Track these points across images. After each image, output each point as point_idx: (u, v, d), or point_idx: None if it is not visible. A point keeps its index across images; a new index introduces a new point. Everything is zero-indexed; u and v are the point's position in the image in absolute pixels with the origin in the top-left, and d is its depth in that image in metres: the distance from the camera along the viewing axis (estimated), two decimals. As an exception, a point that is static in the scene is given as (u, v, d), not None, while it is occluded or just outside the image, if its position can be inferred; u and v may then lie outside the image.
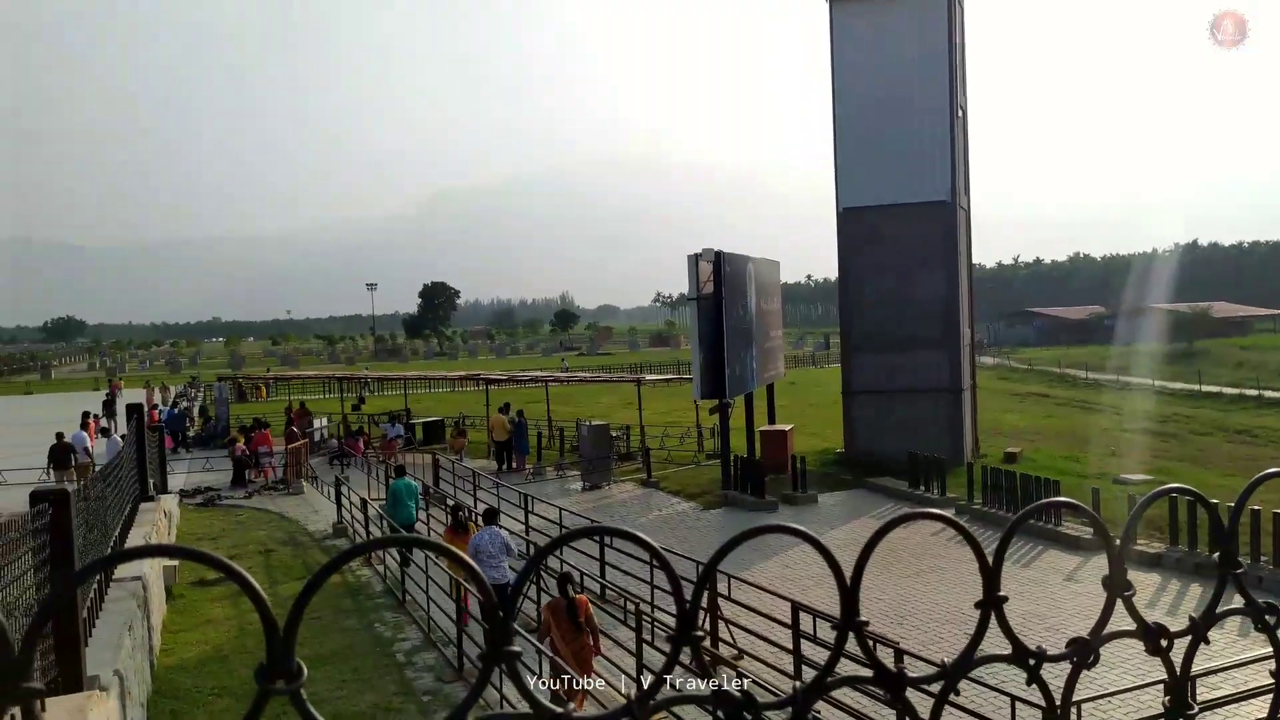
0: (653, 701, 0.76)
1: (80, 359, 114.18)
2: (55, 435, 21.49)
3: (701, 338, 20.69)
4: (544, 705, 0.75)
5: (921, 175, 24.26)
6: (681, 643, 0.79)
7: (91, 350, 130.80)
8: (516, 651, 0.74)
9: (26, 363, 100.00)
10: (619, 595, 12.34)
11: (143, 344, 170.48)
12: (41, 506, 5.56)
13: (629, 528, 0.88)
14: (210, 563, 0.72)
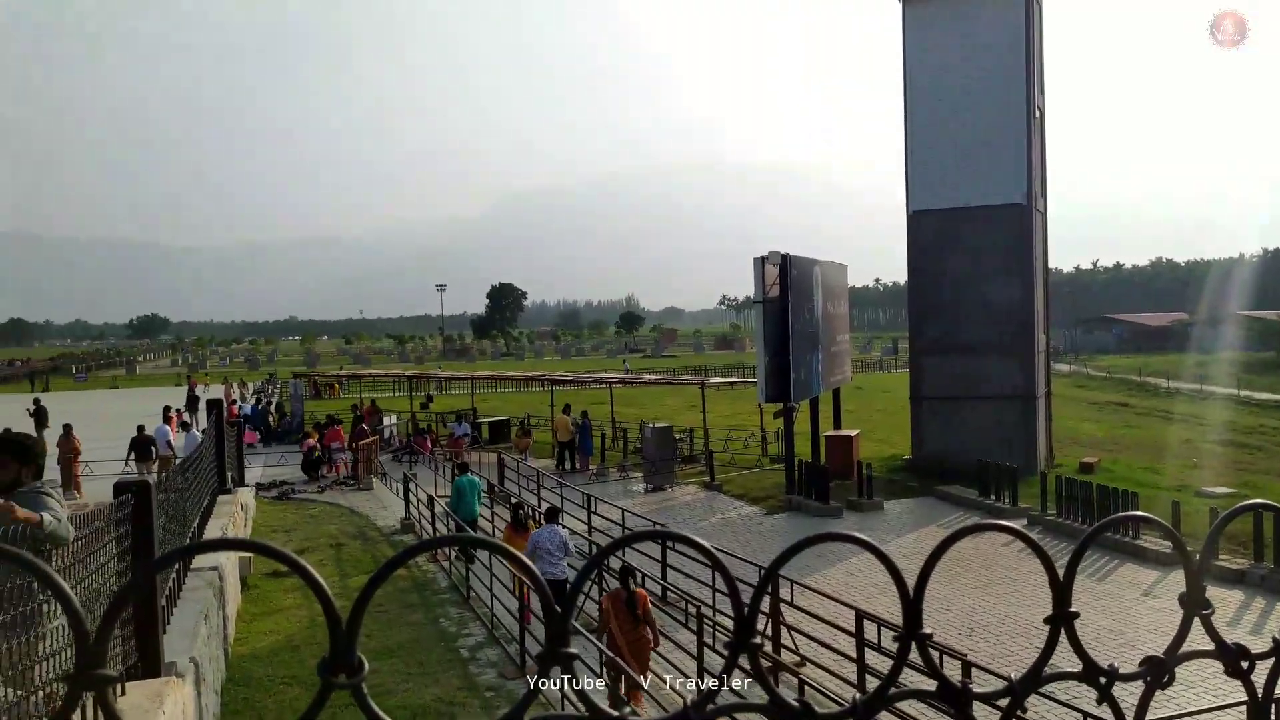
0: (710, 707, 0.76)
1: (164, 356, 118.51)
2: (136, 428, 22.38)
3: (766, 341, 20.55)
4: (599, 707, 0.75)
5: (996, 177, 23.73)
6: (739, 649, 0.78)
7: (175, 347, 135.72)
8: (573, 653, 0.74)
9: (113, 358, 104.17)
10: (680, 598, 12.32)
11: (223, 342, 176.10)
12: (125, 497, 5.77)
13: (690, 531, 0.88)
14: (278, 557, 0.74)
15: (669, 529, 0.84)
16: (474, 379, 40.93)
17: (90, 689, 0.65)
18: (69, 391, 58.59)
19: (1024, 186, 23.57)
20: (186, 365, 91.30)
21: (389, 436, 30.93)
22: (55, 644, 4.15)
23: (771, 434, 26.50)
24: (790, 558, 0.81)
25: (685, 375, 48.46)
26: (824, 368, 23.43)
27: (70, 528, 4.66)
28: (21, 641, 3.74)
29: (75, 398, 50.64)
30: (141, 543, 5.83)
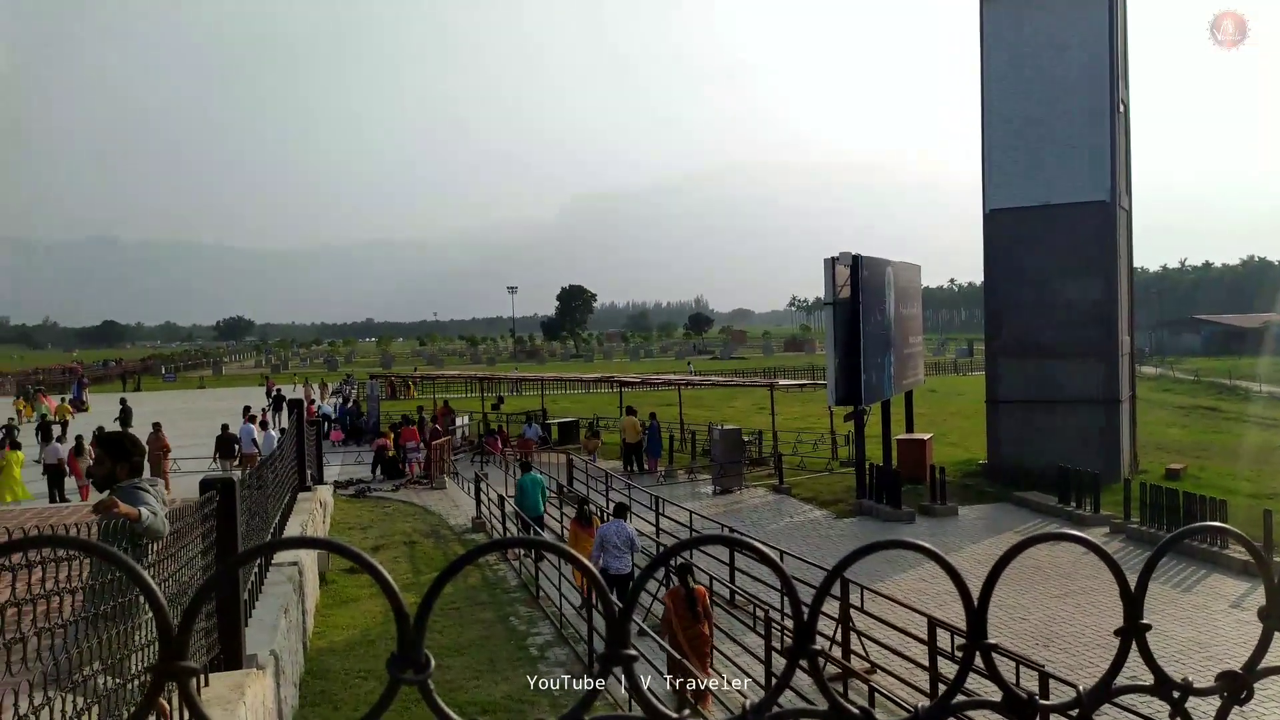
0: (770, 713, 0.76)
1: (248, 356, 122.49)
2: (221, 427, 23.21)
3: (837, 343, 20.30)
4: (659, 709, 0.75)
5: (1078, 174, 23.04)
6: (799, 654, 0.78)
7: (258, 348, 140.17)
8: (633, 655, 0.75)
9: (200, 359, 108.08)
10: (748, 601, 12.25)
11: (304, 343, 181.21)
12: (210, 494, 5.98)
13: (758, 535, 0.88)
14: (351, 556, 0.76)
15: (732, 533, 0.85)
16: (544, 380, 41.34)
17: (173, 680, 0.68)
18: (158, 391, 60.98)
19: (1107, 183, 22.85)
20: (269, 366, 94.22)
21: (462, 437, 31.44)
22: (150, 635, 4.33)
23: (841, 437, 26.17)
24: (852, 563, 0.81)
25: (754, 377, 48.18)
26: (896, 370, 23.05)
27: (166, 523, 4.86)
28: (119, 632, 3.91)
29: (164, 397, 52.67)
30: (225, 538, 6.03)
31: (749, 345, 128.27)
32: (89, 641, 3.56)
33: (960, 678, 0.80)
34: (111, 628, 3.80)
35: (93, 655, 3.58)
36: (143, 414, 29.32)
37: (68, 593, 3.36)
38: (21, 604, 3.00)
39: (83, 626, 3.53)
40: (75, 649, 3.43)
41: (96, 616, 3.66)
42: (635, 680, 0.77)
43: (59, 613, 3.29)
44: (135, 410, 31.66)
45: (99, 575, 3.81)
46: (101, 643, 3.68)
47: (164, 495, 5.22)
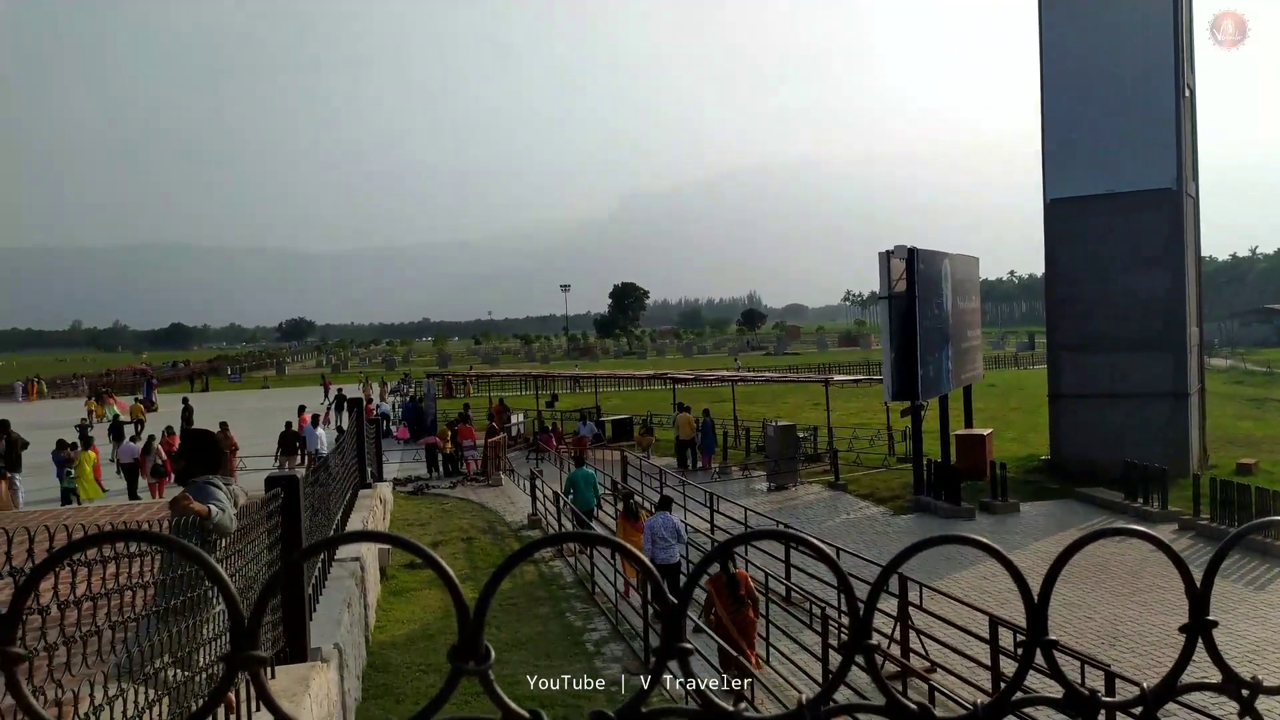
0: (826, 707, 0.76)
1: (310, 357, 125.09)
2: (285, 424, 23.79)
3: (892, 337, 20.04)
4: (715, 702, 0.76)
5: (1142, 161, 22.39)
6: (855, 649, 0.78)
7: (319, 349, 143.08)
8: (689, 648, 0.76)
9: (264, 360, 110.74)
10: (804, 598, 12.17)
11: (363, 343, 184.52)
12: (275, 491, 6.14)
13: (814, 531, 0.88)
14: (414, 550, 0.78)
15: (786, 529, 0.85)
16: (597, 377, 41.51)
17: (244, 669, 0.71)
18: (224, 391, 62.63)
19: (1173, 170, 22.17)
20: (330, 366, 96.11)
21: (517, 434, 31.73)
22: (216, 629, 4.46)
23: (898, 433, 25.83)
24: (910, 557, 0.81)
25: (808, 373, 47.78)
26: (954, 364, 22.67)
27: (234, 519, 5.00)
28: (188, 626, 4.03)
29: (230, 397, 54.07)
30: (290, 534, 6.18)
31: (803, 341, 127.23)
32: (159, 635, 3.67)
33: (1021, 674, 0.79)
34: (180, 622, 3.91)
35: (163, 649, 3.69)
36: (210, 413, 30.14)
37: (140, 587, 3.47)
38: (96, 598, 3.11)
39: (153, 620, 3.64)
40: (146, 642, 3.54)
41: (166, 611, 3.78)
42: (690, 673, 0.77)
43: (131, 607, 3.39)
44: (204, 410, 32.56)
45: (169, 570, 3.93)
46: (171, 636, 3.79)
47: (236, 492, 5.37)
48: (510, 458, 26.85)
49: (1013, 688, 0.80)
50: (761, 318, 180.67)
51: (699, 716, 0.77)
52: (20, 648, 0.71)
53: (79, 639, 2.94)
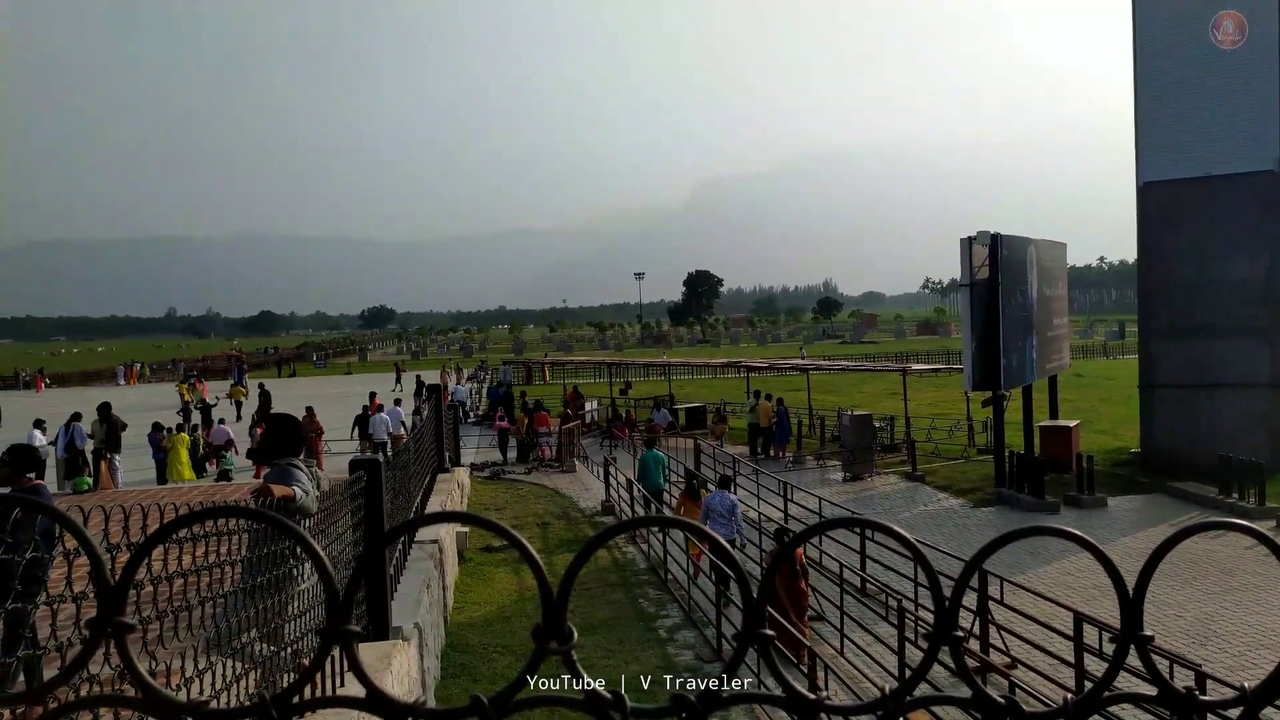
0: (909, 698, 0.75)
1: (390, 344, 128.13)
2: (362, 408, 24.68)
3: (974, 325, 19.56)
4: (795, 688, 0.76)
5: (1241, 142, 21.36)
6: (940, 641, 0.77)
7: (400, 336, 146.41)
8: (770, 635, 0.76)
9: (348, 346, 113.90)
10: (880, 590, 12.02)
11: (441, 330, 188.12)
12: (358, 474, 6.31)
13: (890, 523, 0.87)
14: (502, 533, 0.80)
15: (867, 518, 0.84)
16: (670, 365, 41.55)
17: (339, 643, 0.73)
18: (310, 376, 64.61)
19: (1274, 151, 21.10)
20: (409, 353, 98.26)
21: (591, 421, 31.98)
22: (302, 605, 4.62)
23: (979, 423, 25.25)
24: (996, 549, 0.79)
25: (885, 362, 47.03)
26: (1038, 354, 22.03)
27: (315, 501, 5.16)
28: (274, 602, 4.18)
29: (316, 382, 55.77)
30: (372, 515, 6.35)
31: (880, 329, 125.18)
32: (246, 611, 3.81)
33: (1113, 670, 0.77)
34: (266, 598, 4.06)
35: (250, 624, 3.83)
36: (297, 398, 31.12)
37: (228, 564, 3.61)
38: (187, 574, 3.24)
39: (241, 597, 3.79)
40: (234, 617, 3.68)
41: (253, 588, 3.92)
42: (771, 659, 0.77)
43: (220, 584, 3.53)
44: (290, 395, 33.68)
45: (256, 549, 4.08)
46: (258, 612, 3.93)
47: (317, 474, 5.55)
48: (584, 444, 27.08)
49: (1104, 684, 0.78)
50: (837, 306, 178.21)
51: (780, 702, 0.77)
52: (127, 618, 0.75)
53: (172, 613, 3.07)
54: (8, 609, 2.35)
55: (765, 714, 8.74)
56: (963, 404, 26.42)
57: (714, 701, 0.75)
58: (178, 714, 0.72)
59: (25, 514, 3.92)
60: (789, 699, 0.76)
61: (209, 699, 0.76)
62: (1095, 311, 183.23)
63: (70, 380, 68.52)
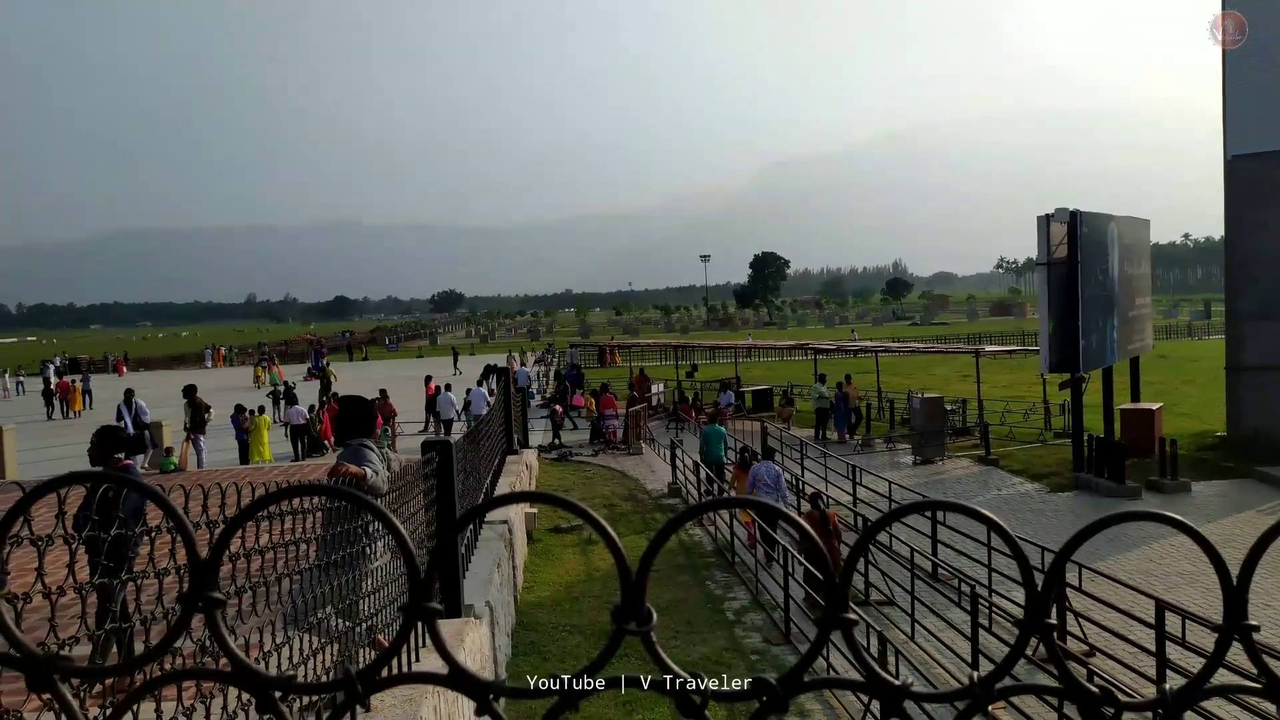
0: (998, 687, 0.73)
1: (460, 328, 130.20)
2: (434, 389, 25.27)
3: (1051, 306, 19.01)
4: (879, 673, 0.74)
5: (1340, 110, 20.28)
6: (1032, 630, 0.75)
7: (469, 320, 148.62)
8: (854, 619, 0.74)
9: (419, 330, 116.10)
10: (952, 575, 11.82)
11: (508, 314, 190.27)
12: (430, 455, 6.43)
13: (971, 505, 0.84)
14: (584, 515, 0.79)
15: (955, 501, 0.82)
16: (737, 348, 41.34)
17: (422, 620, 0.74)
18: (383, 360, 66.06)
19: (1379, 119, 19.99)
20: (478, 336, 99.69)
21: (657, 404, 32.05)
22: (375, 582, 4.74)
23: (1055, 406, 24.57)
24: (1091, 535, 0.76)
25: (957, 343, 46.07)
26: (1119, 334, 21.32)
27: (386, 480, 5.28)
28: (348, 579, 4.30)
29: (389, 365, 56.95)
30: (444, 495, 6.47)
31: (951, 310, 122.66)
32: (322, 587, 3.91)
33: (1216, 659, 0.74)
34: (341, 575, 4.17)
35: (325, 600, 3.94)
36: (371, 380, 31.88)
37: (304, 542, 3.71)
38: (264, 551, 3.34)
39: (317, 573, 3.89)
40: (311, 593, 3.79)
41: (328, 565, 4.03)
42: (855, 644, 0.76)
43: (296, 561, 3.63)
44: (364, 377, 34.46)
45: (330, 527, 4.19)
46: (333, 588, 4.04)
47: (388, 455, 5.67)
48: (650, 427, 27.15)
49: (1206, 674, 0.75)
50: (907, 286, 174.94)
51: (863, 687, 0.75)
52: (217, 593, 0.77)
53: (251, 589, 3.17)
54: (97, 583, 2.45)
55: (834, 698, 8.69)
56: (1039, 387, 25.74)
57: (795, 685, 0.74)
58: (266, 687, 0.74)
59: (114, 492, 4.08)
60: (872, 684, 0.75)
61: (292, 673, 0.77)
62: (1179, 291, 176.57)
63: (155, 364, 71.21)
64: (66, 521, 2.10)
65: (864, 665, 0.76)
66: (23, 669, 0.78)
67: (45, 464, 20.13)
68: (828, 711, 8.55)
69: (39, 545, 1.89)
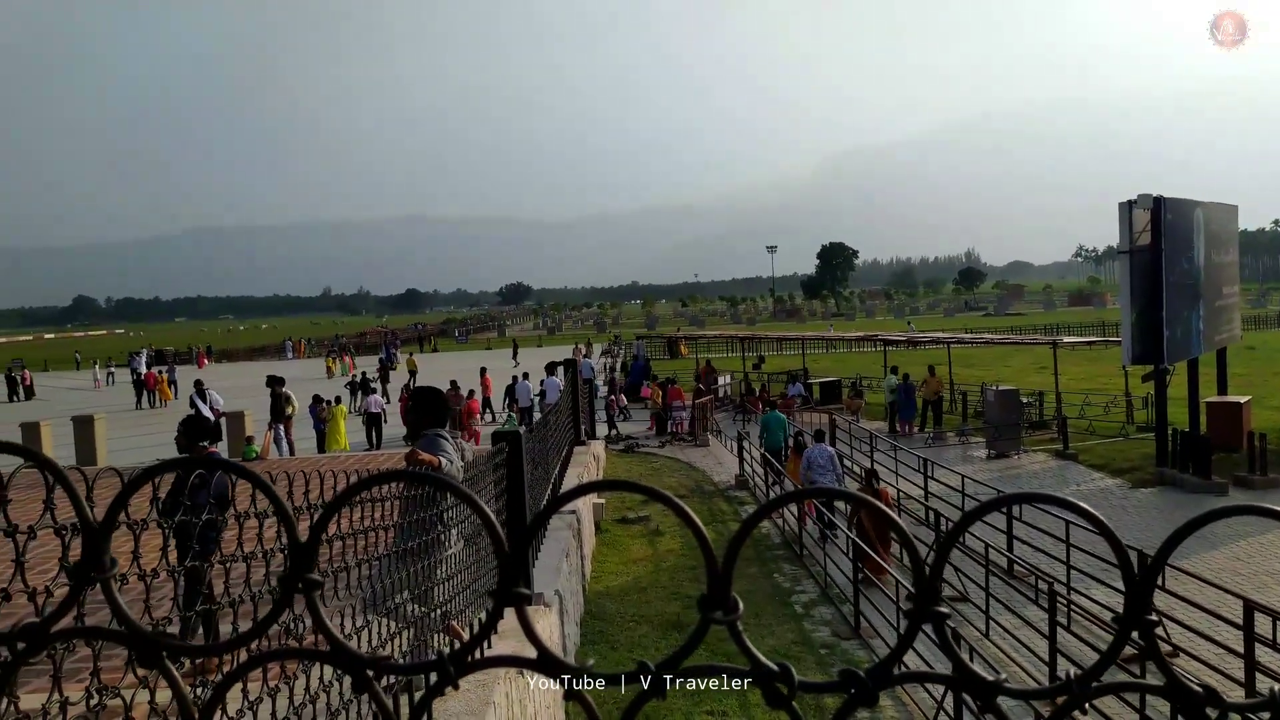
0: (1097, 683, 0.71)
1: (527, 320, 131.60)
2: (511, 379, 25.73)
3: (1133, 295, 18.36)
4: (968, 666, 0.73)
5: None
6: (1132, 626, 0.72)
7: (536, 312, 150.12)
8: (945, 613, 0.73)
9: (487, 323, 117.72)
10: (1029, 572, 11.54)
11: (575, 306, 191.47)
12: (500, 445, 6.52)
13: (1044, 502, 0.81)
14: (665, 500, 0.80)
15: (1049, 493, 0.79)
16: (804, 339, 40.94)
17: (512, 605, 0.75)
18: (453, 351, 67.13)
19: None
20: (545, 328, 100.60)
21: (724, 396, 31.91)
22: (449, 569, 4.82)
23: (1138, 399, 23.75)
24: (1196, 530, 0.73)
25: (1033, 334, 44.88)
26: (1206, 325, 20.51)
27: (460, 469, 5.37)
28: (423, 566, 4.38)
29: (459, 357, 57.86)
30: (514, 485, 6.56)
31: (1027, 300, 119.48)
32: (399, 573, 4.00)
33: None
34: (417, 562, 4.25)
35: (401, 586, 4.02)
36: (447, 370, 32.48)
37: (381, 529, 3.80)
38: (345, 538, 3.43)
39: (394, 560, 3.98)
40: (388, 579, 3.87)
41: (405, 552, 4.12)
42: (946, 638, 0.75)
43: (374, 547, 3.71)
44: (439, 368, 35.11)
45: (407, 515, 4.28)
46: (409, 575, 4.13)
47: (462, 445, 5.76)
48: (717, 419, 27.06)
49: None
50: (980, 276, 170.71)
51: (954, 682, 0.74)
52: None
53: (334, 573, 3.25)
54: (187, 566, 2.55)
55: (905, 693, 8.57)
56: (1120, 379, 24.91)
57: (884, 678, 0.73)
58: (362, 666, 0.76)
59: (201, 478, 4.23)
60: (964, 679, 0.73)
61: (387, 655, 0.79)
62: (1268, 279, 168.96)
63: (237, 356, 73.58)
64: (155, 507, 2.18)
65: (955, 660, 0.74)
66: (132, 645, 0.81)
67: (134, 451, 20.96)
68: (898, 706, 8.44)
69: (135, 530, 1.96)
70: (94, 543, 0.82)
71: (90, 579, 0.81)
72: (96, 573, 0.81)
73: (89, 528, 0.82)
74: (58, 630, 0.82)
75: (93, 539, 0.82)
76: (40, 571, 2.84)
